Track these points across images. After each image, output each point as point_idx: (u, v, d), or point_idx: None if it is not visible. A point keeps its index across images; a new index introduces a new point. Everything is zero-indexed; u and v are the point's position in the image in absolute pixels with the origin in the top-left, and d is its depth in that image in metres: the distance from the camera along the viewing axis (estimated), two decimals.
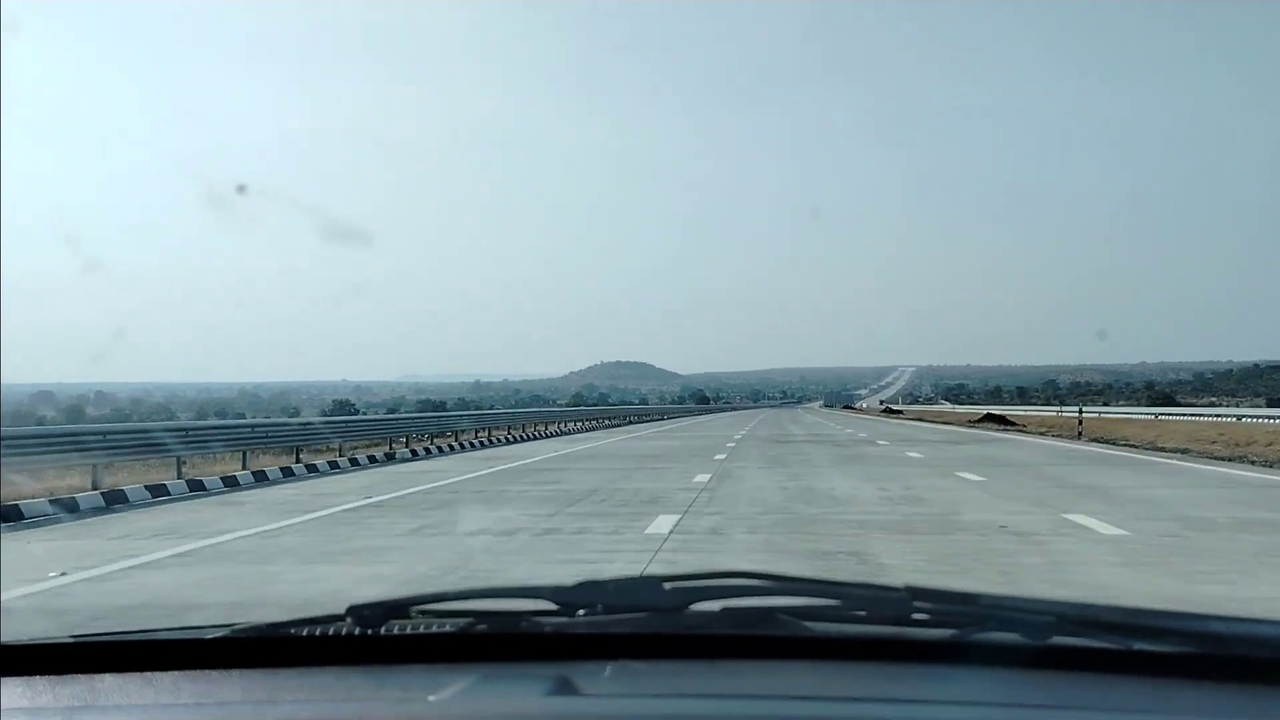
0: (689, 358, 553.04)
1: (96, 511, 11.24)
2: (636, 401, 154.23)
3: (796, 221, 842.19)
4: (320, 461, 18.03)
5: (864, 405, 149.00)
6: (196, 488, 13.64)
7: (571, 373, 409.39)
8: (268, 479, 15.43)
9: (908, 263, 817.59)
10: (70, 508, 11.15)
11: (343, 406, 68.79)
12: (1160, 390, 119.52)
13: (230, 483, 14.40)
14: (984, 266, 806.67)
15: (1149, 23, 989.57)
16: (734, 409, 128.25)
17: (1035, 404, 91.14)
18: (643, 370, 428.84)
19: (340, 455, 19.09)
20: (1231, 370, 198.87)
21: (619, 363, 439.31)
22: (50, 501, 11.21)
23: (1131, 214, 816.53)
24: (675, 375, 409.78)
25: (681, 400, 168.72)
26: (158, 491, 12.85)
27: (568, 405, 74.22)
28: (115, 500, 11.98)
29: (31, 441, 12.20)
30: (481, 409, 48.57)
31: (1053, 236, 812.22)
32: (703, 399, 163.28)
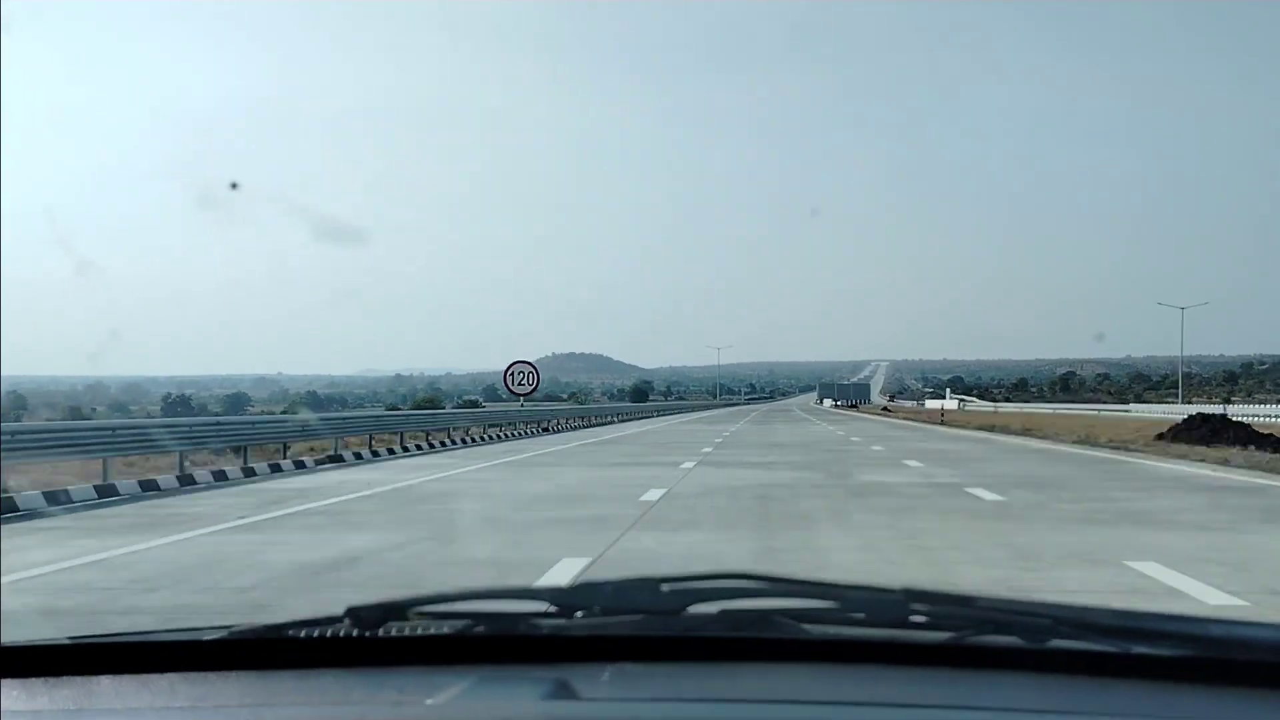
0: (652, 351, 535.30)
1: None
2: (567, 397, 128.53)
3: (774, 214, 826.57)
4: None
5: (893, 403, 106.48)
6: None
7: None
8: None
9: (887, 258, 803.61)
10: None
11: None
12: None
13: None
14: (965, 261, 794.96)
15: (1154, 14, 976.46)
16: (679, 409, 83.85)
17: (1102, 402, 74.16)
18: (598, 363, 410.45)
19: None
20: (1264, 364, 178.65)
21: (573, 355, 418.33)
22: None
23: (1122, 211, 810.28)
24: (635, 368, 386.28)
25: (621, 395, 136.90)
26: None
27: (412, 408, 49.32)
28: None
29: None
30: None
31: (1033, 232, 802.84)
32: (639, 394, 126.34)
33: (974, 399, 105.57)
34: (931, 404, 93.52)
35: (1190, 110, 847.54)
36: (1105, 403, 71.07)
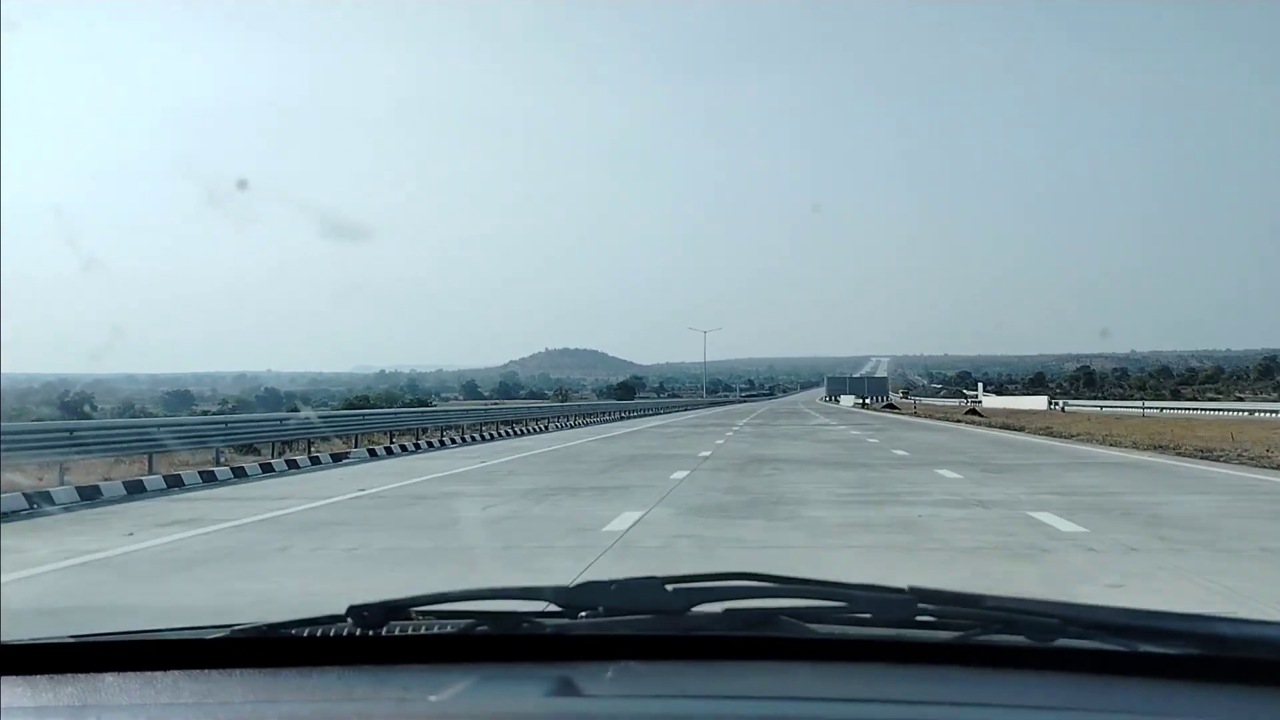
0: (648, 347, 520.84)
1: None
2: (551, 394, 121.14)
3: (775, 210, 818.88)
4: None
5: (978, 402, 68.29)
6: None
7: (511, 361, 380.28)
8: None
9: (888, 253, 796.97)
10: None
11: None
12: None
13: None
14: (967, 257, 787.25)
15: (1166, 9, 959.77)
16: (629, 411, 61.26)
17: (1135, 399, 58.50)
18: (592, 359, 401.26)
19: None
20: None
21: (565, 350, 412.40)
22: None
23: (1124, 208, 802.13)
24: (630, 365, 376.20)
25: (610, 391, 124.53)
26: None
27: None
28: None
29: None
30: None
31: (1036, 228, 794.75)
32: (626, 390, 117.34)
33: (990, 394, 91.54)
34: (1000, 402, 68.81)
35: (1192, 105, 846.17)
36: (1146, 400, 57.03)
